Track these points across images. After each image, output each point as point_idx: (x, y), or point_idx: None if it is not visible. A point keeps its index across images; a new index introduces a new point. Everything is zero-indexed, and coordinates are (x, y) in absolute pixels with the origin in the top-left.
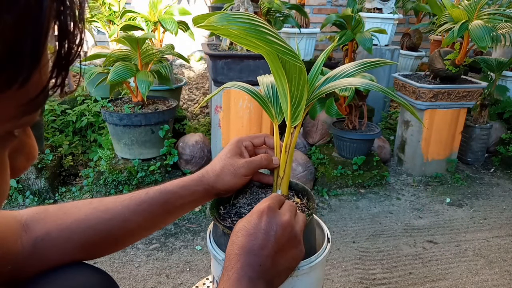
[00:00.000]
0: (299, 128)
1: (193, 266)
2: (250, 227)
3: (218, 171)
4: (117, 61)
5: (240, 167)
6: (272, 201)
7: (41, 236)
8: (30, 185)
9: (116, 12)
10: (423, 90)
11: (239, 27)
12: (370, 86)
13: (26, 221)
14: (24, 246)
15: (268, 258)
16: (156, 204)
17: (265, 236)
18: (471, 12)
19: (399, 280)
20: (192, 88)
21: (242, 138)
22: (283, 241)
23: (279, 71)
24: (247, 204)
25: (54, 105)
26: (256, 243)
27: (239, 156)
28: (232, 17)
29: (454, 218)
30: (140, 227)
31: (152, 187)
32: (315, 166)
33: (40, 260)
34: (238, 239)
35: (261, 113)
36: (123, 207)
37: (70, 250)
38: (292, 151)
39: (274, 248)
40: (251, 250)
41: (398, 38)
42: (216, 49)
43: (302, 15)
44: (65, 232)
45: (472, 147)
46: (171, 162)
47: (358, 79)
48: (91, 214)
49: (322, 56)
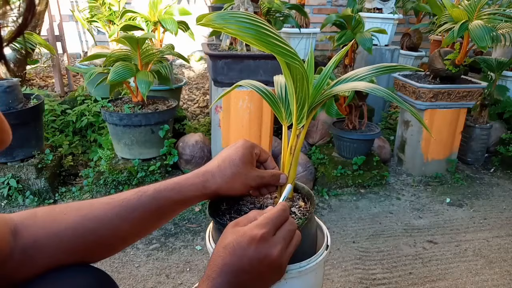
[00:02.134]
0: (305, 131)
1: (193, 266)
2: (238, 248)
3: (228, 178)
4: (117, 61)
5: (251, 179)
6: (268, 228)
7: (29, 243)
8: (30, 185)
9: (116, 12)
10: (423, 90)
11: (238, 25)
12: (375, 90)
13: (15, 227)
14: (14, 252)
15: (248, 282)
16: (149, 211)
17: (250, 264)
18: (471, 12)
19: (399, 280)
20: (192, 88)
21: (254, 144)
22: (266, 273)
23: (286, 72)
24: (249, 203)
25: (54, 105)
26: (240, 267)
27: (252, 165)
28: (230, 16)
29: (454, 218)
30: (132, 234)
31: (145, 190)
32: (315, 166)
33: (30, 266)
34: (225, 254)
35: (261, 113)
36: (112, 214)
37: (60, 256)
38: (298, 153)
39: (255, 275)
40: (234, 271)
41: (398, 38)
42: (216, 49)
43: (302, 15)
44: (53, 239)
45: (472, 147)
46: (171, 162)
47: (363, 83)
48: (79, 223)
49: (333, 61)
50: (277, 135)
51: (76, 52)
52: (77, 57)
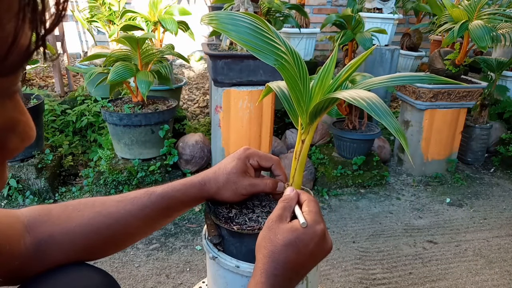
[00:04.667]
0: (310, 136)
1: (193, 266)
2: (302, 246)
3: (220, 185)
4: (117, 61)
5: (242, 188)
6: (323, 222)
7: (44, 238)
8: (30, 185)
9: (116, 12)
10: (423, 90)
11: (240, 31)
12: (374, 105)
13: (28, 222)
14: (27, 246)
15: (304, 273)
16: (158, 210)
17: (312, 259)
18: (471, 12)
19: (399, 280)
20: (192, 88)
21: (250, 154)
22: (318, 261)
23: (288, 85)
24: (260, 205)
25: (54, 105)
26: (302, 262)
27: (244, 174)
28: (235, 20)
29: (454, 218)
30: (141, 230)
31: (153, 190)
32: (315, 166)
33: (43, 260)
34: (288, 251)
35: (261, 113)
36: (125, 211)
37: (73, 252)
38: (303, 158)
39: (312, 266)
40: (294, 267)
41: (398, 38)
42: (216, 49)
43: (302, 15)
44: (68, 235)
45: (472, 147)
46: (171, 162)
47: (366, 93)
48: (94, 219)
49: (344, 73)
50: (277, 135)
51: (76, 52)
52: (77, 57)
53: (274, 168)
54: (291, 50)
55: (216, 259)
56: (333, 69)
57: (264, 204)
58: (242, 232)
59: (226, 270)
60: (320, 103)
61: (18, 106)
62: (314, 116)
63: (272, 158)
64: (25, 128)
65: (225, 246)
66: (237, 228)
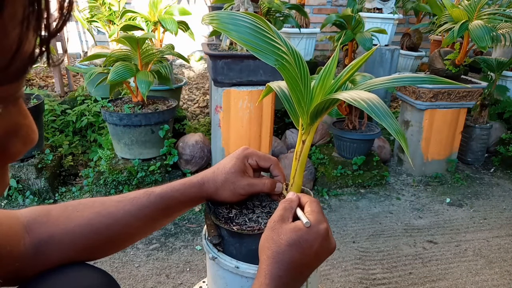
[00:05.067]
0: (311, 136)
1: (193, 266)
2: (306, 247)
3: (218, 185)
4: (117, 61)
5: (240, 188)
6: (326, 222)
7: (44, 239)
8: (30, 185)
9: (116, 12)
10: (423, 90)
11: (241, 30)
12: (375, 106)
13: (28, 223)
14: (27, 247)
15: (309, 272)
16: (157, 210)
17: (316, 258)
18: (471, 12)
19: (399, 280)
20: (192, 88)
21: (249, 154)
22: (323, 260)
23: (289, 85)
24: (260, 206)
25: (54, 105)
26: (306, 262)
27: (243, 174)
28: (236, 20)
29: (454, 218)
30: (140, 230)
31: (153, 190)
32: (315, 166)
33: (43, 261)
34: (292, 251)
35: (261, 113)
36: (125, 212)
37: (73, 252)
38: (304, 159)
39: (316, 265)
40: (298, 266)
41: (398, 38)
42: (216, 49)
43: (302, 15)
44: (68, 235)
45: (472, 147)
46: (171, 162)
47: (366, 94)
48: (93, 219)
49: (346, 74)
50: (277, 135)
51: (76, 52)
52: (77, 57)
53: (273, 169)
54: (293, 50)
55: (215, 260)
56: (334, 70)
57: (264, 205)
58: (242, 233)
59: (225, 270)
60: (321, 104)
61: (21, 110)
62: (315, 116)
63: (271, 159)
64: (27, 132)
65: (225, 247)
66: (237, 229)
